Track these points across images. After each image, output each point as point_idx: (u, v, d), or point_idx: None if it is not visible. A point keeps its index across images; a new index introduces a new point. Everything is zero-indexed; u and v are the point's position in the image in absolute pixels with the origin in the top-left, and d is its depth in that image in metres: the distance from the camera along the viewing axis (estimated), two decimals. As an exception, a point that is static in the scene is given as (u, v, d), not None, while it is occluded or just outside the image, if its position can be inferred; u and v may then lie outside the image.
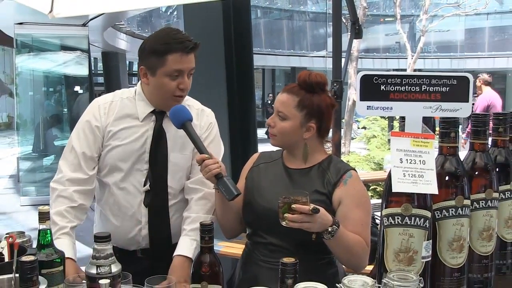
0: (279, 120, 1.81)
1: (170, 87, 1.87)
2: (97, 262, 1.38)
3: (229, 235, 1.97)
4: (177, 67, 1.85)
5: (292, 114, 1.79)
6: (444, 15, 15.91)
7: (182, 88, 1.89)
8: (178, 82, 1.87)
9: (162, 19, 19.41)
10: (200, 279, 1.53)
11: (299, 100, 1.79)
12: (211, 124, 2.05)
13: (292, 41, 24.73)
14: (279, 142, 1.86)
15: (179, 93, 1.90)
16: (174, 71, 1.85)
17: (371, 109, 1.49)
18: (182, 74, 1.87)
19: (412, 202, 1.38)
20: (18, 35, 8.11)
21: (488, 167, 1.49)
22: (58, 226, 1.83)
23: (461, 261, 1.44)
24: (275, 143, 1.87)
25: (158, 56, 1.85)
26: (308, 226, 1.59)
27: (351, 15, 3.40)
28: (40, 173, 8.54)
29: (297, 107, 1.79)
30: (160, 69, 1.86)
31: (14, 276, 1.33)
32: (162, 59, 1.84)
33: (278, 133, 1.82)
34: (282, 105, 1.81)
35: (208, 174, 1.73)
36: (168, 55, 1.83)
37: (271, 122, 1.83)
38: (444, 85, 1.48)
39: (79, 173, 1.92)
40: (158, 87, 1.90)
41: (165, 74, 1.86)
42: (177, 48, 1.84)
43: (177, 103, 1.91)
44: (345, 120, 10.59)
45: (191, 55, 1.88)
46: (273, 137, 1.85)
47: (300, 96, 1.80)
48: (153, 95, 1.94)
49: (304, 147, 1.83)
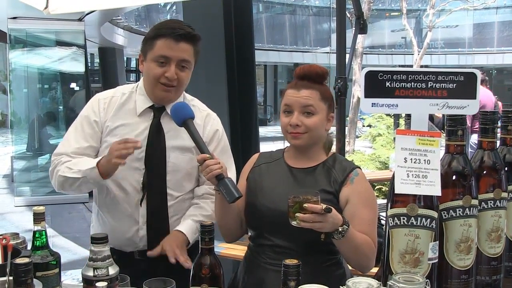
0: (305, 117, 1.76)
1: (155, 73, 1.87)
2: (94, 264, 1.36)
3: (228, 239, 1.92)
4: (163, 53, 1.85)
5: (320, 108, 1.77)
6: (451, 9, 15.84)
7: (167, 76, 1.86)
8: (164, 70, 1.86)
9: (160, 13, 19.38)
10: (200, 282, 1.50)
11: (321, 93, 1.77)
12: (217, 132, 2.02)
13: (295, 37, 24.71)
14: (307, 140, 1.78)
15: (164, 80, 1.87)
16: (160, 56, 1.85)
17: (376, 107, 1.47)
18: (169, 62, 1.86)
19: (418, 202, 1.37)
20: (11, 30, 8.02)
21: (497, 166, 1.47)
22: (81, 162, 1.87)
23: (469, 263, 1.42)
24: (303, 142, 1.78)
25: (150, 40, 1.88)
26: (320, 226, 1.55)
27: (355, 10, 3.37)
28: (34, 173, 8.47)
29: (322, 99, 1.77)
30: (149, 54, 1.88)
31: (8, 279, 1.30)
32: (152, 43, 1.87)
33: (308, 129, 1.76)
34: (309, 100, 1.75)
35: (209, 174, 1.70)
36: (157, 40, 1.86)
37: (298, 121, 1.75)
38: (451, 81, 1.46)
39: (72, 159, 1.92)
40: (146, 73, 1.92)
41: (153, 59, 1.87)
42: (165, 33, 1.85)
43: (166, 93, 1.90)
44: (350, 118, 10.56)
45: (182, 44, 1.86)
46: (301, 136, 1.77)
47: (318, 88, 1.78)
48: (145, 83, 1.95)
49: (327, 140, 1.85)
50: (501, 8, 22.38)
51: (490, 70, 6.61)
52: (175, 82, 1.88)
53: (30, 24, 7.89)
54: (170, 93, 1.90)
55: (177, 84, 1.89)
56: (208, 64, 3.73)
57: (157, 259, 1.89)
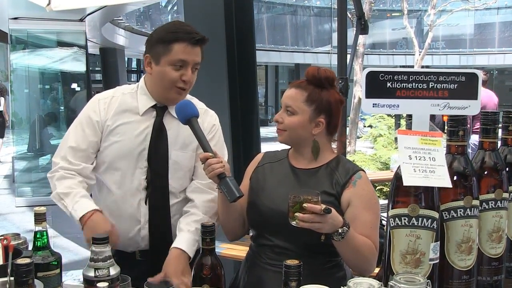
0: (287, 115, 1.79)
1: (172, 77, 1.86)
2: (95, 265, 1.35)
3: (231, 237, 1.92)
4: (182, 57, 1.85)
5: (301, 109, 1.77)
6: (452, 9, 15.82)
7: (184, 80, 1.87)
8: (181, 74, 1.87)
9: (161, 14, 19.39)
10: (201, 282, 1.50)
11: (307, 95, 1.77)
12: (214, 127, 2.02)
13: (296, 37, 24.69)
14: (286, 138, 1.82)
15: (181, 85, 1.88)
16: (179, 60, 1.85)
17: (377, 107, 1.47)
18: (186, 65, 1.86)
19: (419, 202, 1.36)
20: (12, 31, 8.00)
21: (498, 166, 1.47)
22: (73, 192, 1.85)
23: (470, 263, 1.41)
24: (282, 140, 1.83)
25: (165, 44, 1.85)
26: (319, 227, 1.55)
27: (356, 10, 3.37)
28: (35, 173, 8.43)
29: (306, 101, 1.77)
30: (165, 58, 1.86)
31: (9, 279, 1.30)
32: (168, 47, 1.85)
33: (286, 128, 1.79)
34: (290, 100, 1.78)
35: (211, 173, 1.70)
36: (174, 44, 1.84)
37: (279, 118, 1.80)
38: (452, 82, 1.45)
39: (70, 166, 1.90)
40: (160, 77, 1.89)
41: (169, 63, 1.86)
42: (184, 38, 1.84)
43: (178, 95, 1.90)
44: (351, 118, 10.56)
45: (197, 48, 1.88)
46: (281, 133, 1.81)
47: (309, 91, 1.78)
48: (155, 86, 1.93)
49: (313, 144, 1.80)
50: (502, 8, 22.35)
51: (491, 71, 6.66)
52: (189, 84, 1.90)
53: (31, 24, 7.86)
54: (182, 95, 1.92)
55: (189, 85, 1.92)
56: (209, 65, 3.70)
57: (158, 260, 1.88)
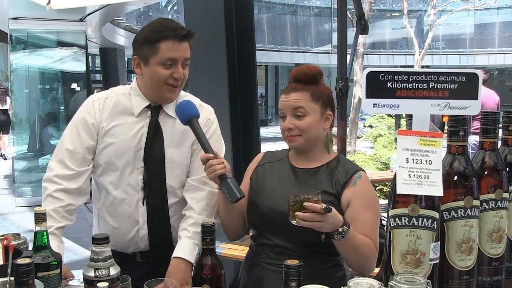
0: (297, 120, 1.77)
1: (163, 75, 1.84)
2: (95, 265, 1.35)
3: (232, 237, 1.92)
4: (170, 55, 1.82)
5: (311, 108, 1.77)
6: (452, 9, 15.82)
7: (175, 77, 1.85)
8: (172, 72, 1.85)
9: (161, 14, 19.36)
10: (201, 282, 1.50)
11: (310, 94, 1.77)
12: (209, 120, 2.01)
13: (296, 37, 24.70)
14: (303, 142, 1.78)
15: (171, 81, 1.86)
16: (167, 59, 1.83)
17: (377, 107, 1.46)
18: (176, 63, 1.84)
19: (419, 202, 1.36)
20: (12, 31, 7.99)
21: (498, 166, 1.46)
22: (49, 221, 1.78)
23: (470, 264, 1.41)
24: (298, 144, 1.79)
25: (151, 44, 1.83)
26: (319, 226, 1.55)
27: (356, 10, 3.37)
28: (35, 173, 8.40)
29: (312, 100, 1.77)
30: (153, 58, 1.84)
31: (9, 279, 1.30)
32: (154, 47, 1.82)
33: (302, 131, 1.76)
34: (298, 102, 1.76)
35: (212, 174, 1.70)
36: (160, 43, 1.82)
37: (290, 125, 1.77)
38: (453, 82, 1.45)
39: (65, 169, 1.89)
40: (151, 77, 1.87)
41: (158, 62, 1.84)
42: (169, 36, 1.81)
43: (172, 94, 1.89)
44: (351, 118, 10.56)
45: (185, 43, 1.85)
46: (296, 138, 1.78)
47: (309, 89, 1.78)
48: (147, 86, 1.92)
49: (326, 138, 1.83)
50: (502, 8, 22.36)
51: (491, 71, 6.67)
52: (181, 81, 1.89)
53: (31, 24, 7.86)
54: (175, 93, 1.91)
55: (181, 82, 1.90)
56: (209, 65, 3.72)
57: (159, 260, 1.88)
